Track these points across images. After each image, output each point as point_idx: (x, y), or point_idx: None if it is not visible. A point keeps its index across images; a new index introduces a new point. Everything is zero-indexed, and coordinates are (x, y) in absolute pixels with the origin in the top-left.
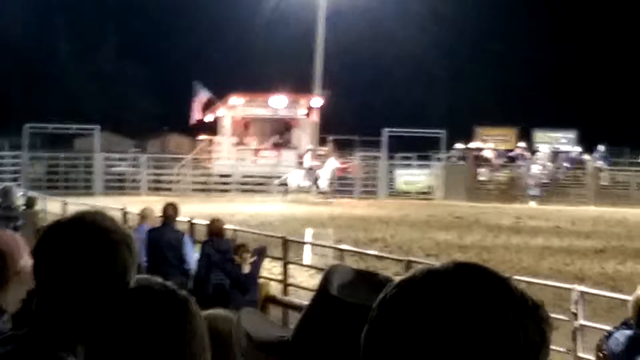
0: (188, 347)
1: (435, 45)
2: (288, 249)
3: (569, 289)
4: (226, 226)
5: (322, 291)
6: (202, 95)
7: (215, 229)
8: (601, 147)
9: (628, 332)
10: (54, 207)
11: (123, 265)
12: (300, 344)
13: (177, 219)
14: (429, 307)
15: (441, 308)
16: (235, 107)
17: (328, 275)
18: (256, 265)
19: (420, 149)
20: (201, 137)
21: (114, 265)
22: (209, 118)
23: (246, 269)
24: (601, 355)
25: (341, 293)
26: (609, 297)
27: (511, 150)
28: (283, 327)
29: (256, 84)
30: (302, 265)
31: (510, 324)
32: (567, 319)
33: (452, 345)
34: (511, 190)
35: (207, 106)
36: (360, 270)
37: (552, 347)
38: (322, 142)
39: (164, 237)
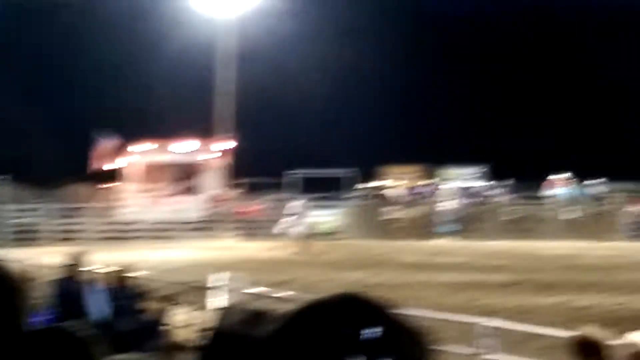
0: None
1: (342, 86)
2: (198, 294)
3: (476, 324)
4: (133, 273)
5: (217, 329)
6: (106, 143)
7: (119, 277)
8: (509, 182)
9: None
10: None
11: (17, 311)
12: None
13: (82, 268)
14: (310, 336)
15: (320, 336)
16: (141, 154)
17: (223, 315)
18: (162, 312)
19: (327, 190)
20: (107, 184)
21: (7, 311)
22: (114, 165)
23: (152, 315)
24: None
25: (231, 328)
26: (516, 330)
27: (419, 187)
28: None
29: (161, 128)
30: (213, 310)
31: (392, 347)
32: (474, 353)
33: None
34: (420, 227)
35: (113, 153)
36: (253, 309)
37: None
38: (237, 186)
39: (71, 286)
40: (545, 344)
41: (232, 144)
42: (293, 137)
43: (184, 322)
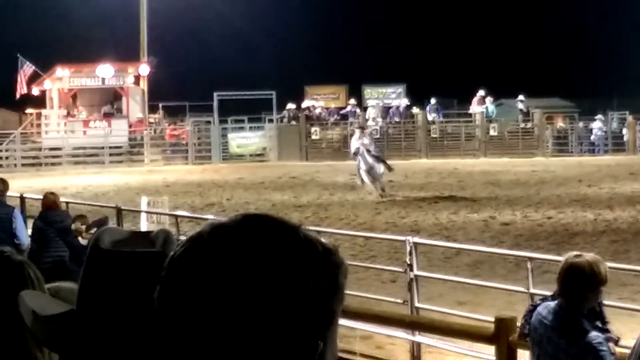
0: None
1: (260, 6)
2: (123, 218)
3: (403, 241)
4: (61, 199)
5: (92, 247)
6: (27, 68)
7: (49, 202)
8: (432, 100)
9: (551, 304)
10: None
11: None
12: (85, 304)
13: (8, 194)
14: (218, 260)
15: (230, 260)
16: (62, 79)
17: (98, 234)
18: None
19: (251, 112)
20: (28, 110)
21: None
22: (35, 91)
23: (85, 241)
24: (524, 337)
25: (111, 245)
26: (443, 246)
27: (342, 108)
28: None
29: (82, 54)
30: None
31: (298, 270)
32: (402, 270)
33: (243, 297)
34: (345, 148)
35: (33, 79)
36: (135, 230)
37: (390, 298)
38: (153, 109)
39: None
40: (468, 260)
41: (151, 68)
42: (213, 61)
43: None
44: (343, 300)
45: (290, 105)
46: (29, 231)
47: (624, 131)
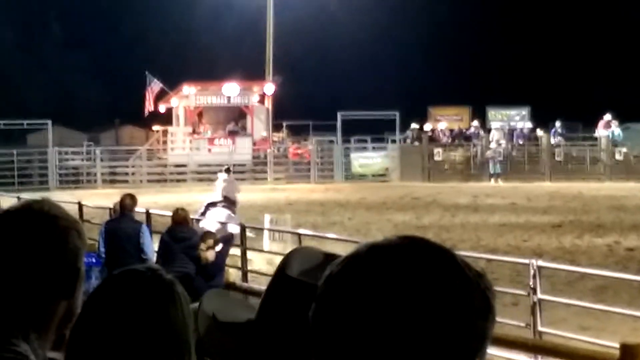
0: (174, 330)
1: (385, 27)
2: (246, 235)
3: (527, 264)
4: (189, 215)
5: (279, 272)
6: (154, 86)
7: (179, 218)
8: (557, 123)
9: None
10: (8, 204)
11: (73, 251)
12: (263, 324)
13: (135, 209)
14: (374, 280)
15: (386, 281)
16: (188, 97)
17: (287, 257)
18: (222, 253)
19: (374, 132)
20: (155, 127)
21: (63, 251)
22: (161, 108)
23: (212, 256)
24: None
25: (298, 273)
26: (566, 270)
27: (466, 129)
28: (252, 308)
29: (209, 72)
30: (261, 251)
31: (456, 293)
32: (525, 293)
33: (400, 318)
34: (468, 169)
35: (160, 96)
36: (327, 252)
37: (512, 322)
38: (277, 128)
39: (122, 227)
40: (593, 284)
41: (275, 86)
42: (338, 80)
43: (238, 263)
44: (494, 321)
45: (414, 126)
46: (155, 246)
47: None
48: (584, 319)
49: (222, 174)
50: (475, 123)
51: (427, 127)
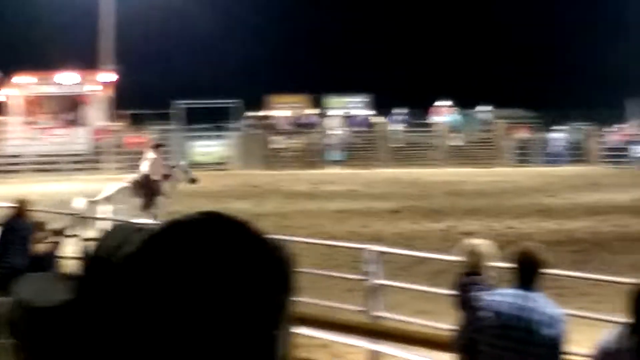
0: None
1: (224, 16)
2: (82, 225)
3: (364, 250)
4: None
5: (90, 253)
6: None
7: (17, 209)
8: (395, 110)
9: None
10: None
11: None
12: (75, 305)
13: None
14: (173, 255)
15: (185, 255)
16: (24, 86)
17: (102, 237)
18: (55, 244)
19: (214, 120)
20: None
21: None
22: None
23: (44, 248)
24: None
25: (107, 252)
26: (403, 255)
27: (305, 117)
28: (68, 291)
29: (46, 61)
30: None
31: (254, 265)
32: (362, 278)
33: (200, 290)
34: (307, 157)
35: None
36: (140, 227)
37: (349, 306)
38: (120, 117)
39: None
40: (430, 269)
41: (114, 75)
42: (176, 69)
43: (74, 253)
44: (293, 293)
45: (253, 114)
46: None
47: (584, 142)
48: (421, 303)
49: (150, 153)
50: (314, 111)
51: (267, 115)
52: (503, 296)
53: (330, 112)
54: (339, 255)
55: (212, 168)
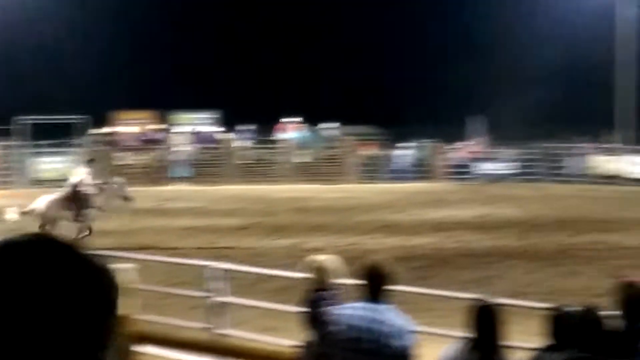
0: None
1: (68, 31)
2: None
3: (207, 267)
4: None
5: None
6: None
7: None
8: (243, 127)
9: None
10: None
11: None
12: None
13: None
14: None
15: (10, 277)
16: None
17: None
18: None
19: (58, 136)
20: None
21: None
22: None
23: None
24: None
25: None
26: (248, 272)
27: (151, 132)
28: None
29: None
30: None
31: (78, 288)
32: (205, 296)
33: (24, 313)
34: (153, 173)
35: None
36: None
37: (192, 324)
38: None
39: None
40: (276, 285)
41: None
42: (18, 84)
43: None
44: (116, 315)
45: (97, 130)
46: None
47: (429, 158)
48: (266, 320)
49: (81, 167)
50: (161, 127)
51: (112, 131)
52: (354, 309)
53: (176, 129)
54: (185, 272)
55: (57, 185)
